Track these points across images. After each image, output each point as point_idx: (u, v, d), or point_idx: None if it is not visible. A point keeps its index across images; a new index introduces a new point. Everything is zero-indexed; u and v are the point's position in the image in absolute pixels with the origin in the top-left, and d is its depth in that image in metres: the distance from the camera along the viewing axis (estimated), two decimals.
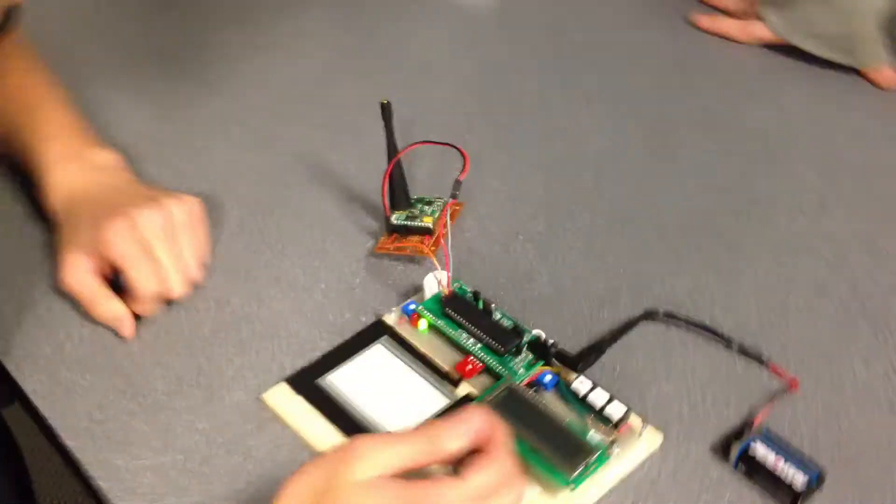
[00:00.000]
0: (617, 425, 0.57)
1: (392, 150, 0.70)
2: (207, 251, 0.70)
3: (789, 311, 0.67)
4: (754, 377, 0.62)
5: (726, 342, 0.64)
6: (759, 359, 0.63)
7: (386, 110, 0.68)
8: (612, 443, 0.56)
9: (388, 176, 0.70)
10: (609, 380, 0.61)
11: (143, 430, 0.60)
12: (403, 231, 0.71)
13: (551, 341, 0.61)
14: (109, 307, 0.65)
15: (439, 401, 0.60)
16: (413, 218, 0.71)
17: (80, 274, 0.66)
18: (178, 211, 0.68)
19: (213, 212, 0.74)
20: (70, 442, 0.60)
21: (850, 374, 0.63)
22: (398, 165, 0.71)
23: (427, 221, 0.70)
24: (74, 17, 1.00)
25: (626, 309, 0.67)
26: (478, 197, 0.76)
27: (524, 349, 0.62)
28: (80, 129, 0.75)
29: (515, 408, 0.57)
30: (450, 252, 0.65)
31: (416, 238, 0.70)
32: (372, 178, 0.74)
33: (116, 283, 0.67)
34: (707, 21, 0.95)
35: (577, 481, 0.55)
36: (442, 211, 0.70)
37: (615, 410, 0.58)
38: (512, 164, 0.80)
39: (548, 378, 0.60)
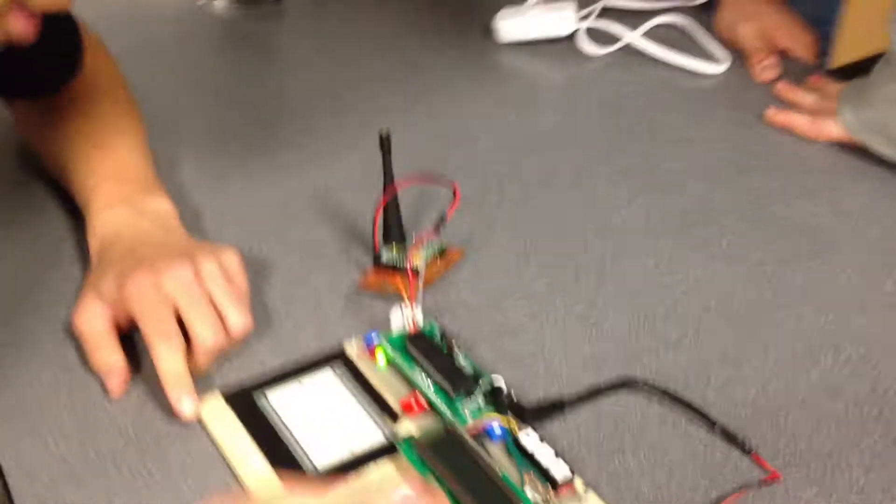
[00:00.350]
0: (555, 486, 0.51)
1: (388, 184, 0.67)
2: (246, 302, 0.63)
3: (793, 406, 0.60)
4: (733, 466, 0.55)
5: (710, 424, 0.57)
6: (741, 447, 0.56)
7: (385, 142, 0.66)
8: (546, 503, 0.50)
9: (380, 209, 0.67)
10: (569, 443, 0.56)
11: (66, 419, 0.58)
12: (389, 268, 0.67)
13: (506, 390, 0.56)
14: (107, 357, 0.61)
15: (375, 436, 0.55)
16: (402, 257, 0.68)
17: (91, 319, 0.62)
18: (209, 266, 0.62)
19: (215, 236, 0.74)
20: None
21: (846, 480, 0.55)
22: (394, 202, 0.68)
23: (414, 260, 0.66)
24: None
25: (609, 377, 0.61)
26: (482, 250, 0.72)
27: (476, 394, 0.57)
28: (139, 174, 0.73)
29: (449, 451, 0.52)
30: (420, 289, 0.61)
31: (399, 276, 0.66)
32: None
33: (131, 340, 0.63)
34: (777, 115, 0.90)
35: None
36: (415, 245, 0.67)
37: (557, 470, 0.52)
38: (528, 225, 0.76)
39: (496, 429, 0.55)
